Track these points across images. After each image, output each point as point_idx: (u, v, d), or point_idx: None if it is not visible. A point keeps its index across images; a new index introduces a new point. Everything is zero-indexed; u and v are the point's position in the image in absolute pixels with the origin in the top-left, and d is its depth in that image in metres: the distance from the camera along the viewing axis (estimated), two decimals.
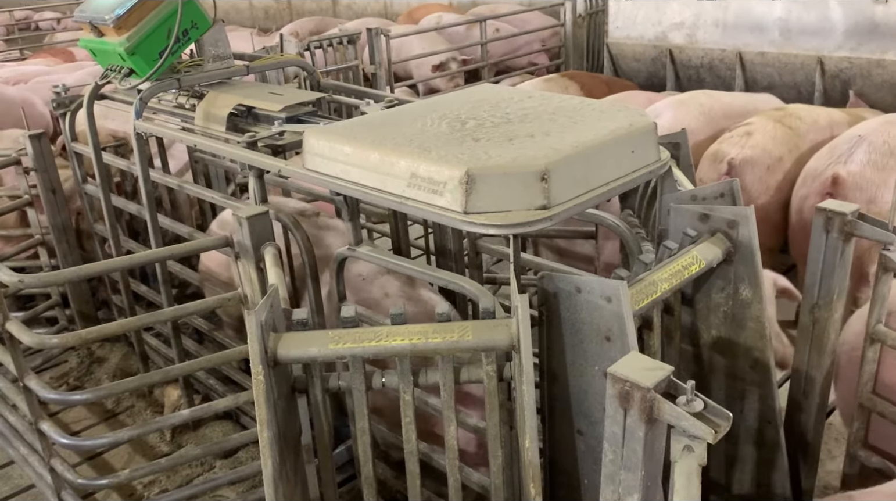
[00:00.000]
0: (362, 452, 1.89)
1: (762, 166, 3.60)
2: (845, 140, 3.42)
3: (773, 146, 3.66)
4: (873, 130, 3.45)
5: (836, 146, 3.43)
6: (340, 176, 2.02)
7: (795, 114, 3.91)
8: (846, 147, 3.35)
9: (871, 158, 3.25)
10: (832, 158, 3.36)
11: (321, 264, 2.54)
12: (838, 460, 2.51)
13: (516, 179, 1.74)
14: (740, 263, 2.01)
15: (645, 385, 1.32)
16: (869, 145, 3.31)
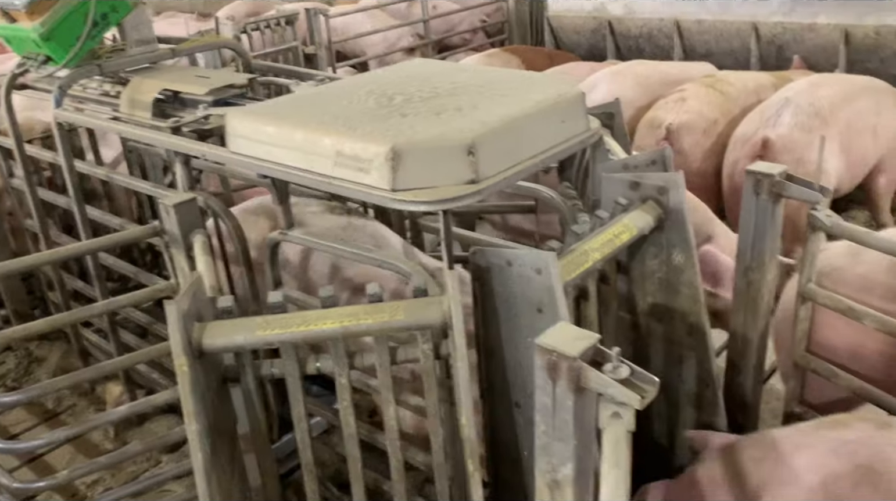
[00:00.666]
0: (300, 439, 1.86)
1: (698, 130, 3.64)
2: (773, 104, 3.48)
3: (708, 110, 3.71)
4: (799, 92, 3.52)
5: (765, 110, 3.48)
6: (265, 158, 1.96)
7: (726, 79, 3.96)
8: (774, 110, 3.41)
9: (798, 120, 3.32)
10: (761, 122, 3.41)
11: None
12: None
13: (443, 154, 1.71)
14: (672, 229, 2.02)
15: (571, 355, 1.31)
16: (796, 107, 3.38)
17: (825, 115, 3.41)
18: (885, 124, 3.77)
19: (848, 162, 3.58)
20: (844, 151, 3.53)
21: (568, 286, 1.97)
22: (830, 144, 3.41)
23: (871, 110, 3.70)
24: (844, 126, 3.50)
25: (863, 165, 3.71)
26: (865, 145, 3.67)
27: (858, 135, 3.60)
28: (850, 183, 3.72)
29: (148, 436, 3.17)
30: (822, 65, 4.83)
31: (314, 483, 1.91)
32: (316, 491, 1.92)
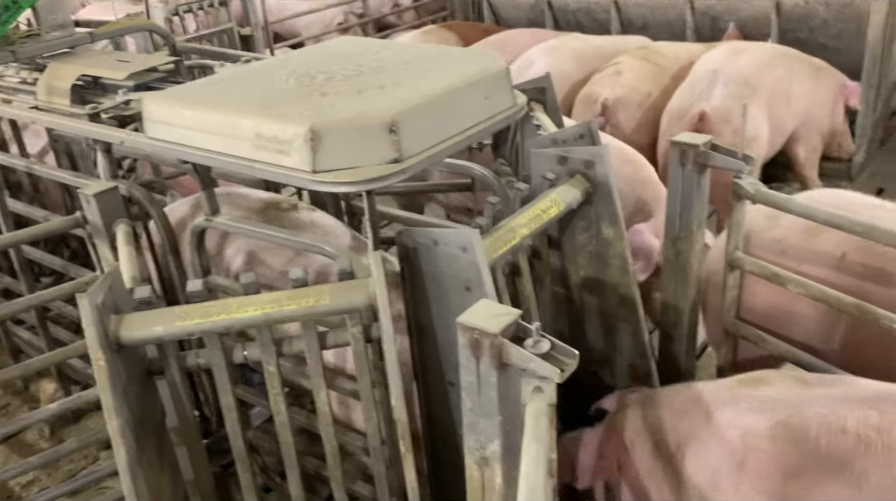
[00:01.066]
0: (231, 429, 1.83)
1: (633, 104, 3.66)
2: (702, 77, 3.52)
3: (643, 84, 3.73)
4: (723, 62, 3.57)
5: (695, 84, 3.52)
6: (184, 142, 1.90)
7: (658, 51, 3.99)
8: (705, 84, 3.45)
9: (729, 90, 3.37)
10: (694, 96, 3.45)
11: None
12: None
13: (364, 133, 1.67)
14: (599, 202, 2.03)
15: (492, 332, 1.31)
16: (725, 78, 3.43)
17: (753, 83, 3.48)
18: (798, 93, 3.84)
19: (770, 129, 3.66)
20: (769, 118, 3.60)
21: (498, 263, 1.97)
22: (760, 112, 3.48)
23: (786, 78, 3.77)
24: (768, 93, 3.57)
25: (781, 132, 3.78)
26: (782, 113, 3.74)
27: (777, 102, 3.67)
28: (770, 151, 3.78)
29: (85, 433, 3.09)
30: (754, 35, 4.89)
31: (247, 473, 1.88)
32: (250, 480, 1.89)
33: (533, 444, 1.21)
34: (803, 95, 3.83)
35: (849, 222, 1.77)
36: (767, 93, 3.56)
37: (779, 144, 3.80)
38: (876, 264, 1.90)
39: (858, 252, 1.93)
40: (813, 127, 4.01)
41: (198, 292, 1.66)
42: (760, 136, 3.48)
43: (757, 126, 3.46)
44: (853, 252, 1.94)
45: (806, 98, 3.85)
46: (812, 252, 2.01)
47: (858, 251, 1.93)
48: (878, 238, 1.72)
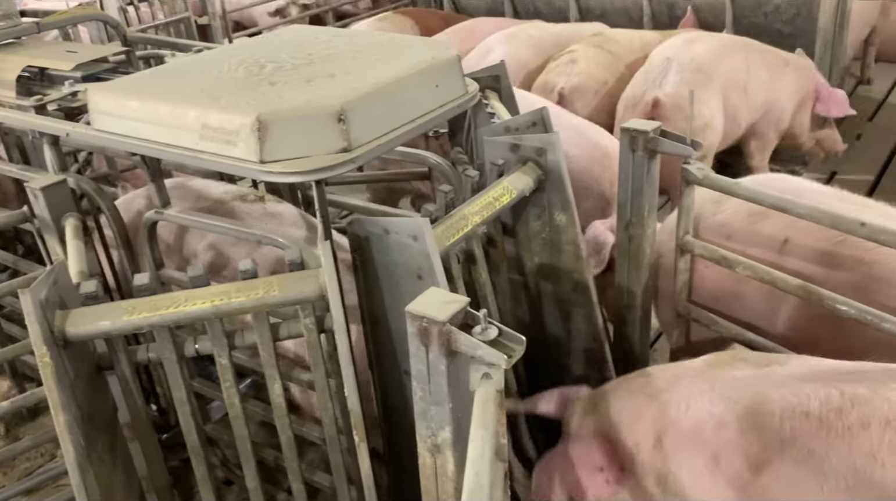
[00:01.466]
0: (184, 422, 1.81)
1: (590, 92, 3.68)
2: (656, 65, 3.55)
3: (598, 71, 3.75)
4: (678, 50, 3.59)
5: (649, 72, 3.55)
6: (130, 134, 1.87)
7: (612, 38, 4.02)
8: (658, 71, 3.47)
9: (682, 77, 3.40)
10: (647, 84, 3.48)
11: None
12: None
13: (312, 122, 1.66)
14: (552, 189, 2.04)
15: (440, 320, 1.31)
16: (678, 65, 3.45)
17: (707, 70, 3.50)
18: (755, 84, 3.83)
19: (724, 117, 3.67)
20: (724, 106, 3.63)
21: (452, 251, 1.97)
22: (715, 99, 3.51)
23: (742, 67, 3.77)
24: (723, 82, 3.59)
25: (734, 122, 3.77)
26: (737, 102, 3.74)
27: (732, 91, 3.68)
28: (724, 140, 3.77)
29: (41, 431, 3.04)
30: (710, 21, 4.95)
31: (202, 466, 1.87)
32: (205, 474, 1.88)
33: (479, 430, 1.22)
34: (760, 87, 3.82)
35: (793, 204, 1.81)
36: (722, 81, 3.57)
37: (732, 135, 3.80)
38: (817, 248, 1.95)
39: (800, 237, 1.98)
40: (769, 121, 3.99)
41: (145, 286, 1.64)
42: (715, 123, 3.51)
43: (711, 113, 3.48)
44: (795, 236, 1.98)
45: (764, 90, 3.84)
46: (756, 236, 2.05)
47: (800, 236, 1.98)
48: (819, 220, 1.76)
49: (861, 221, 1.69)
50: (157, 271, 2.22)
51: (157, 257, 2.20)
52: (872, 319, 1.72)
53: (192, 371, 2.49)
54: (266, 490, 2.33)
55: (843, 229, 1.73)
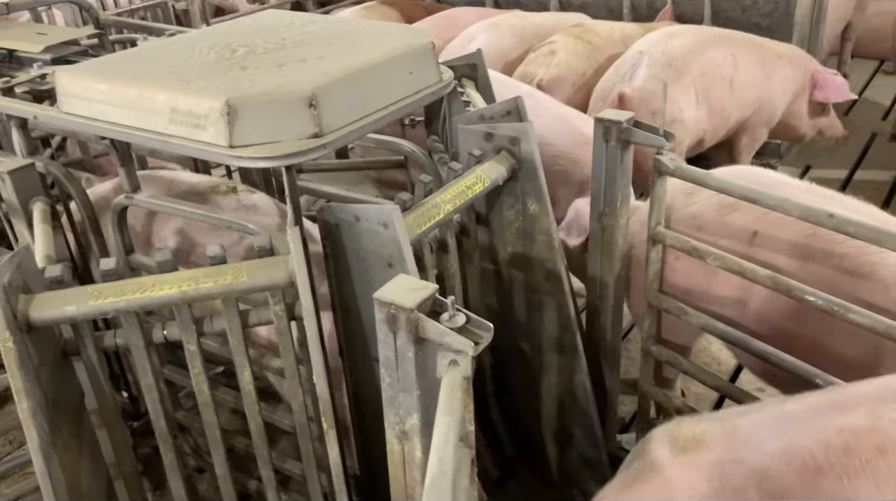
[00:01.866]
0: (152, 409, 1.80)
1: (568, 84, 3.68)
2: (629, 58, 3.55)
3: (577, 63, 3.75)
4: (653, 44, 3.58)
5: (621, 65, 3.54)
6: (99, 117, 1.84)
7: (593, 29, 4.01)
8: (629, 65, 3.47)
9: (652, 71, 3.40)
10: (618, 77, 3.48)
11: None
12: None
13: (282, 107, 1.65)
14: (525, 179, 2.04)
15: (408, 306, 1.31)
16: (649, 59, 3.45)
17: (678, 65, 3.49)
18: (744, 78, 3.78)
19: (709, 112, 3.64)
20: (704, 100, 3.60)
21: (423, 239, 1.97)
22: (686, 95, 3.49)
23: (727, 61, 3.71)
24: (699, 75, 3.57)
25: (722, 115, 3.74)
26: (723, 96, 3.70)
27: (714, 84, 3.64)
28: (713, 134, 3.76)
29: (8, 418, 3.01)
30: (689, 14, 4.97)
31: (171, 452, 1.86)
32: (173, 461, 1.87)
33: (445, 417, 1.22)
34: (751, 83, 3.77)
35: (763, 196, 1.82)
36: (698, 74, 3.55)
37: (721, 129, 3.76)
38: (786, 240, 1.97)
39: (770, 229, 2.00)
40: (761, 118, 3.96)
41: (112, 271, 1.62)
42: (685, 119, 3.50)
43: (680, 109, 3.47)
44: (765, 229, 2.00)
45: (755, 87, 3.80)
46: (726, 228, 2.07)
47: (770, 228, 2.00)
48: (789, 212, 1.77)
49: (829, 212, 1.70)
50: (127, 257, 2.20)
51: (126, 242, 2.18)
52: (839, 310, 1.74)
53: (163, 358, 2.48)
54: (237, 479, 2.33)
55: (812, 221, 1.75)
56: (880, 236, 1.63)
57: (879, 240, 1.64)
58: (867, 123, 5.28)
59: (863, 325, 1.70)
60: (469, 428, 1.37)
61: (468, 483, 1.28)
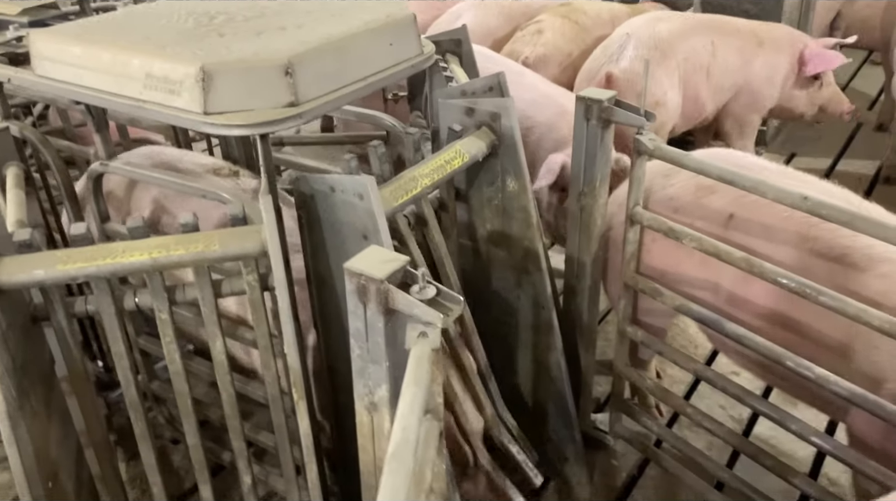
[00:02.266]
0: (122, 376, 1.79)
1: (554, 64, 3.67)
2: (616, 40, 3.54)
3: (564, 43, 3.73)
4: (640, 26, 3.57)
5: (608, 46, 3.54)
6: (73, 81, 1.82)
7: (580, 9, 3.99)
8: (617, 46, 3.47)
9: (638, 53, 3.39)
10: (605, 58, 3.47)
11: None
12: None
13: (258, 75, 1.62)
14: (505, 155, 2.03)
15: (378, 277, 1.30)
16: (636, 41, 3.44)
17: (664, 48, 3.48)
18: (721, 67, 3.76)
19: (684, 98, 3.63)
20: (683, 86, 3.60)
21: (401, 213, 1.96)
22: (671, 78, 3.49)
23: (706, 50, 3.69)
24: (683, 60, 3.56)
25: (695, 103, 3.72)
26: (698, 84, 3.68)
27: (694, 72, 3.63)
28: (682, 121, 3.72)
29: None
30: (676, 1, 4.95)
31: (141, 422, 1.85)
32: (144, 430, 1.86)
33: (410, 387, 1.22)
34: (727, 70, 3.75)
35: (739, 177, 1.82)
36: (680, 61, 3.54)
37: (693, 118, 3.75)
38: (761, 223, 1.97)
39: (745, 212, 2.00)
40: (742, 103, 3.93)
41: (81, 236, 1.60)
42: (668, 102, 3.49)
43: (664, 92, 3.46)
44: (740, 211, 2.01)
45: (732, 74, 3.78)
46: (703, 210, 2.07)
47: (745, 211, 2.00)
48: (764, 194, 1.78)
49: (804, 195, 1.71)
50: (103, 225, 2.18)
51: (101, 209, 2.16)
52: (811, 292, 1.74)
53: (139, 328, 2.46)
54: (212, 450, 2.33)
55: (787, 203, 1.75)
56: (853, 220, 1.64)
57: (852, 223, 1.64)
58: None
59: (833, 308, 1.71)
60: (438, 401, 1.37)
61: (435, 454, 1.28)
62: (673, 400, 2.32)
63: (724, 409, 2.81)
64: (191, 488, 2.57)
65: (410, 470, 1.07)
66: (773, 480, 2.24)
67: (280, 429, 1.94)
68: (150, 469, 1.94)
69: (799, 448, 2.61)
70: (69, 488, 1.81)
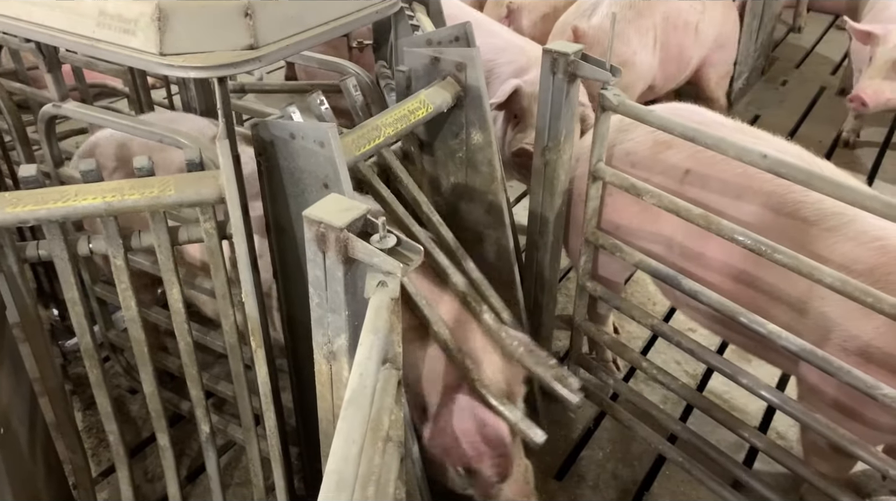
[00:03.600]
0: (77, 323, 1.76)
1: (538, 13, 3.64)
2: None
3: None
4: None
5: (582, 3, 3.51)
6: (23, 17, 1.74)
7: None
8: (591, 2, 3.44)
9: (611, 10, 3.36)
10: (578, 14, 3.44)
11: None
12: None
13: (216, 16, 1.57)
14: (470, 107, 2.01)
15: (338, 225, 1.29)
16: None
17: (640, 7, 3.46)
18: (709, 22, 3.81)
19: (664, 58, 3.63)
20: (661, 46, 3.59)
21: (363, 162, 1.94)
22: (642, 38, 3.48)
23: (694, 8, 3.71)
24: (661, 19, 3.55)
25: (680, 62, 3.75)
26: (684, 42, 3.70)
27: (675, 30, 3.63)
28: (663, 82, 3.76)
29: None
30: None
31: (96, 369, 1.83)
32: (99, 377, 1.84)
33: (369, 335, 1.22)
34: (713, 24, 3.81)
35: (701, 134, 1.83)
36: (658, 20, 3.53)
37: (676, 76, 3.80)
38: (716, 178, 2.00)
39: (701, 167, 2.02)
40: (727, 54, 4.07)
41: (31, 178, 1.55)
42: (638, 63, 3.48)
43: (633, 52, 3.45)
44: (696, 167, 2.03)
45: (717, 25, 3.85)
46: (660, 165, 2.09)
47: (701, 166, 2.02)
48: (725, 151, 1.79)
49: (763, 153, 1.72)
50: (57, 170, 2.12)
51: (55, 153, 2.09)
52: (766, 249, 1.77)
53: (95, 276, 2.42)
54: (170, 399, 2.32)
55: (747, 161, 1.76)
56: (809, 178, 1.66)
57: (809, 182, 1.67)
58: (817, 77, 5.35)
59: (788, 265, 1.74)
60: (397, 350, 1.38)
61: (392, 402, 1.29)
62: (629, 355, 2.36)
63: (680, 364, 2.87)
64: (148, 437, 2.56)
65: (367, 416, 1.07)
66: (724, 433, 2.31)
67: (238, 378, 1.93)
68: (106, 418, 1.92)
69: (750, 402, 2.69)
70: (22, 435, 1.79)
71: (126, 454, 2.00)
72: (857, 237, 1.81)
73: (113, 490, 2.38)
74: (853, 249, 1.80)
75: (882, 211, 1.59)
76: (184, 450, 2.52)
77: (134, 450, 2.51)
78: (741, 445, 2.50)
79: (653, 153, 2.10)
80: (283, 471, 1.96)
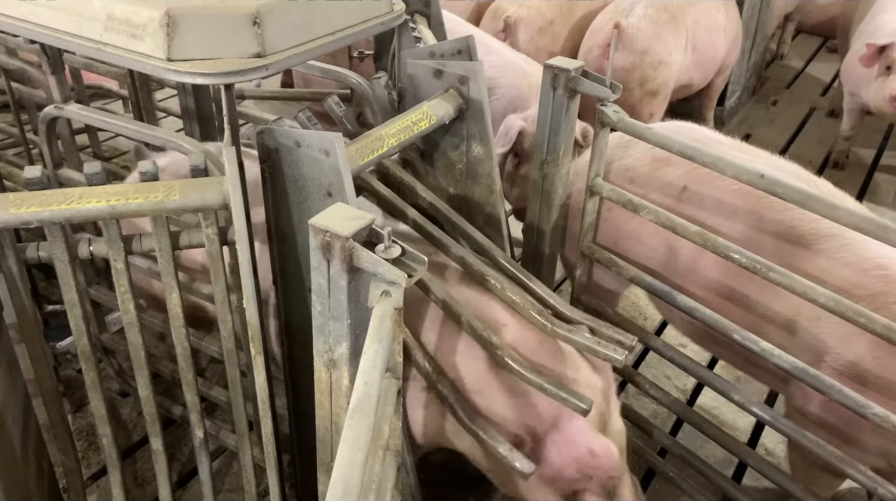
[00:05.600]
0: (74, 326, 1.75)
1: (534, 27, 3.71)
2: None
3: (547, 9, 3.81)
4: None
5: (620, 2, 3.68)
6: (29, 19, 1.75)
7: None
8: (629, 3, 3.60)
9: (647, 12, 3.54)
10: (616, 13, 3.57)
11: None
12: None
13: (225, 23, 1.58)
14: (472, 119, 2.03)
15: (343, 234, 1.30)
16: (647, 1, 3.57)
17: (673, 10, 3.61)
18: (733, 25, 4.05)
19: (697, 60, 3.82)
20: (694, 48, 3.75)
21: (365, 171, 1.95)
22: (678, 40, 3.63)
23: (720, 12, 3.93)
24: (692, 23, 3.70)
25: (714, 62, 3.98)
26: (716, 44, 3.92)
27: (708, 33, 3.82)
28: (700, 80, 3.99)
29: None
30: None
31: (92, 372, 1.82)
32: (95, 379, 1.84)
33: (373, 344, 1.23)
34: (733, 28, 4.04)
35: (700, 153, 1.86)
36: (692, 22, 3.70)
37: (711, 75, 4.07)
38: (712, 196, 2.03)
39: (698, 185, 2.05)
40: (733, 60, 4.28)
41: (36, 180, 1.56)
42: (672, 63, 3.63)
43: (669, 52, 3.61)
44: (694, 184, 2.06)
45: (735, 30, 4.08)
46: (657, 181, 2.12)
47: (698, 184, 2.05)
48: (723, 170, 1.82)
49: (760, 173, 1.75)
50: (56, 171, 2.12)
51: (55, 154, 2.09)
52: (761, 268, 1.80)
53: (90, 278, 2.42)
54: (162, 403, 2.31)
55: (744, 180, 1.79)
56: (806, 199, 1.69)
57: (805, 203, 1.70)
58: (807, 98, 5.42)
59: (782, 284, 1.77)
60: (398, 360, 1.39)
61: (392, 412, 1.30)
62: (621, 368, 2.37)
63: (670, 379, 2.90)
64: (138, 442, 2.55)
65: (371, 425, 1.08)
66: (713, 448, 2.34)
67: (234, 383, 1.93)
68: (100, 420, 1.92)
69: (739, 418, 2.71)
70: (15, 436, 1.78)
71: (118, 457, 1.99)
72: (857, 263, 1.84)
73: (102, 493, 2.37)
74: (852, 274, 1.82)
75: (876, 233, 1.62)
76: (174, 455, 2.52)
77: (124, 454, 2.50)
78: (730, 460, 2.52)
79: (651, 170, 2.13)
80: (277, 478, 1.96)
